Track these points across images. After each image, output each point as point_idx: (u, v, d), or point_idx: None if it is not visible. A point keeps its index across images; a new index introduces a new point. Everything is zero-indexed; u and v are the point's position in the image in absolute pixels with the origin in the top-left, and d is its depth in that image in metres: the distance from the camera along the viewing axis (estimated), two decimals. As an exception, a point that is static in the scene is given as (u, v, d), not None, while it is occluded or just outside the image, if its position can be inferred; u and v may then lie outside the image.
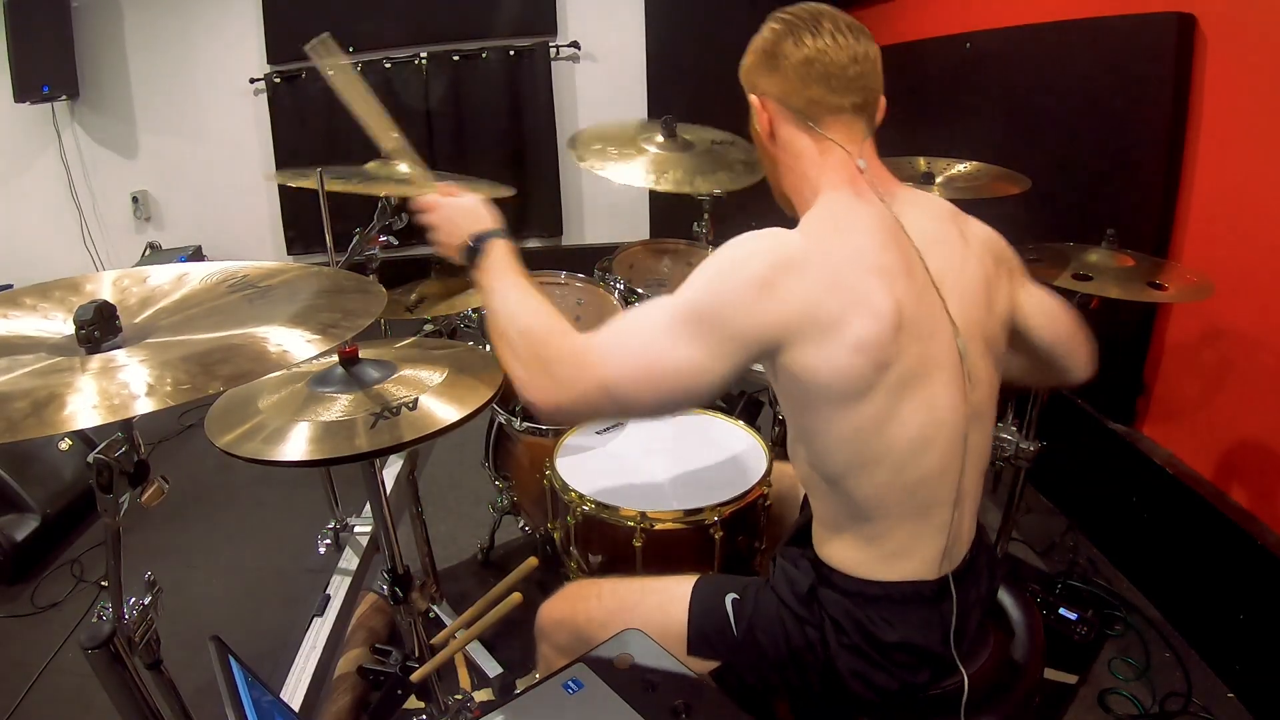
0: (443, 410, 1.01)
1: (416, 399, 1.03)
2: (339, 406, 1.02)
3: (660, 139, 2.10)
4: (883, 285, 0.92)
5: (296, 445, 0.95)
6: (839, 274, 0.92)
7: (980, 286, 1.05)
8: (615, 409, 0.99)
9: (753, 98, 1.06)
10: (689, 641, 1.11)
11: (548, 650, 1.24)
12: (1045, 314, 1.16)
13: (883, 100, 1.05)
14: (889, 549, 1.02)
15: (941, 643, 1.04)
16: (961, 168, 1.96)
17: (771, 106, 1.04)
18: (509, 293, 1.04)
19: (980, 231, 1.10)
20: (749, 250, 0.95)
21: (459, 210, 1.13)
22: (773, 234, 0.96)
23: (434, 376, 1.08)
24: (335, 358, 1.10)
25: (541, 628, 1.24)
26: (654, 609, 1.15)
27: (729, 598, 1.12)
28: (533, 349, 0.97)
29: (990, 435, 1.09)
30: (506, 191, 1.84)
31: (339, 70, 1.27)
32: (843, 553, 1.05)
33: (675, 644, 1.10)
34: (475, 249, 1.09)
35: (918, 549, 1.02)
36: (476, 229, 1.11)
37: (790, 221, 1.03)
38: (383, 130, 1.24)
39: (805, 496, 1.37)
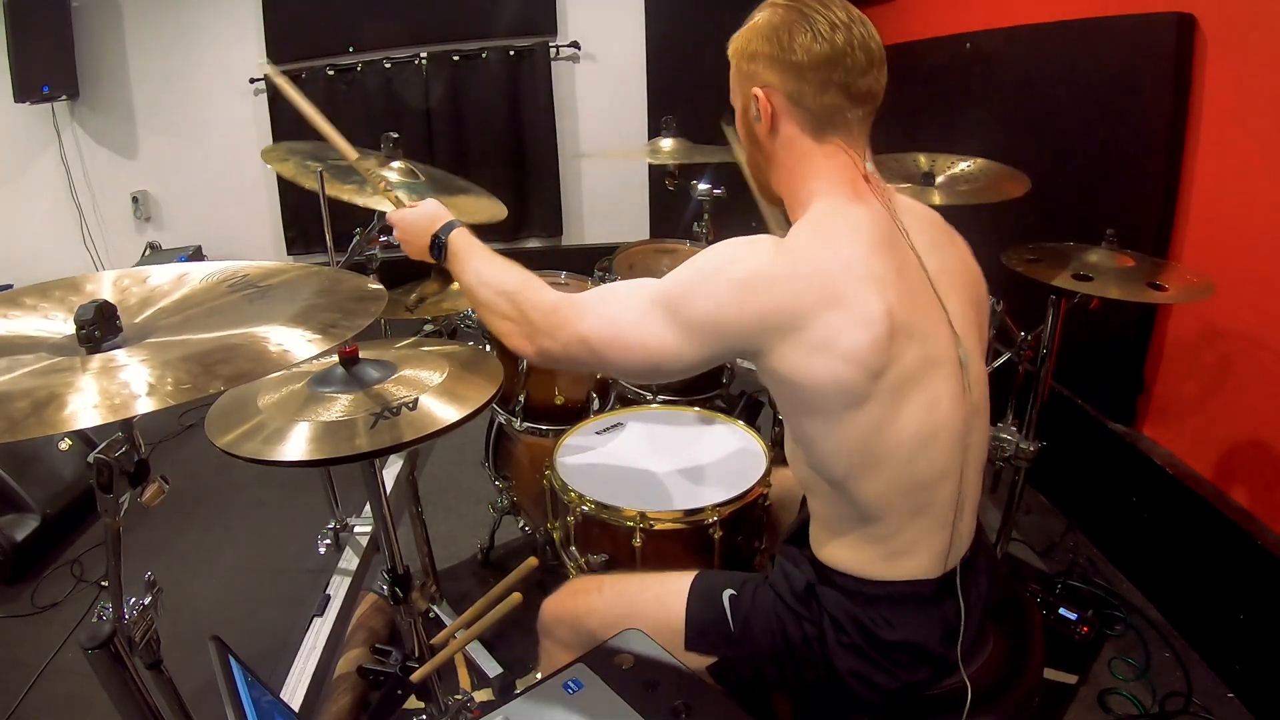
0: (443, 410, 1.01)
1: (416, 399, 1.03)
2: (339, 406, 1.02)
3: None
4: (873, 292, 0.91)
5: (296, 445, 0.95)
6: (826, 285, 0.91)
7: (974, 285, 1.07)
8: (594, 362, 1.03)
9: (756, 91, 0.99)
10: (686, 637, 1.11)
11: (550, 645, 1.24)
12: None
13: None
14: (891, 548, 1.02)
15: (941, 642, 1.04)
16: (965, 166, 1.96)
17: (778, 102, 0.98)
18: (480, 266, 1.10)
19: (959, 237, 1.11)
20: (733, 256, 0.95)
21: (415, 216, 1.20)
22: (761, 244, 0.95)
23: (434, 376, 1.08)
24: (335, 358, 1.10)
25: (543, 623, 1.24)
26: (652, 604, 1.15)
27: (726, 594, 1.13)
28: (515, 304, 1.04)
29: (988, 432, 1.09)
30: (498, 209, 1.86)
31: (292, 92, 1.33)
32: (844, 553, 1.04)
33: (673, 638, 1.11)
34: (439, 244, 1.15)
35: (920, 548, 1.02)
36: (434, 228, 1.16)
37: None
38: (343, 145, 1.34)
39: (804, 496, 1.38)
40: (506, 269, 1.08)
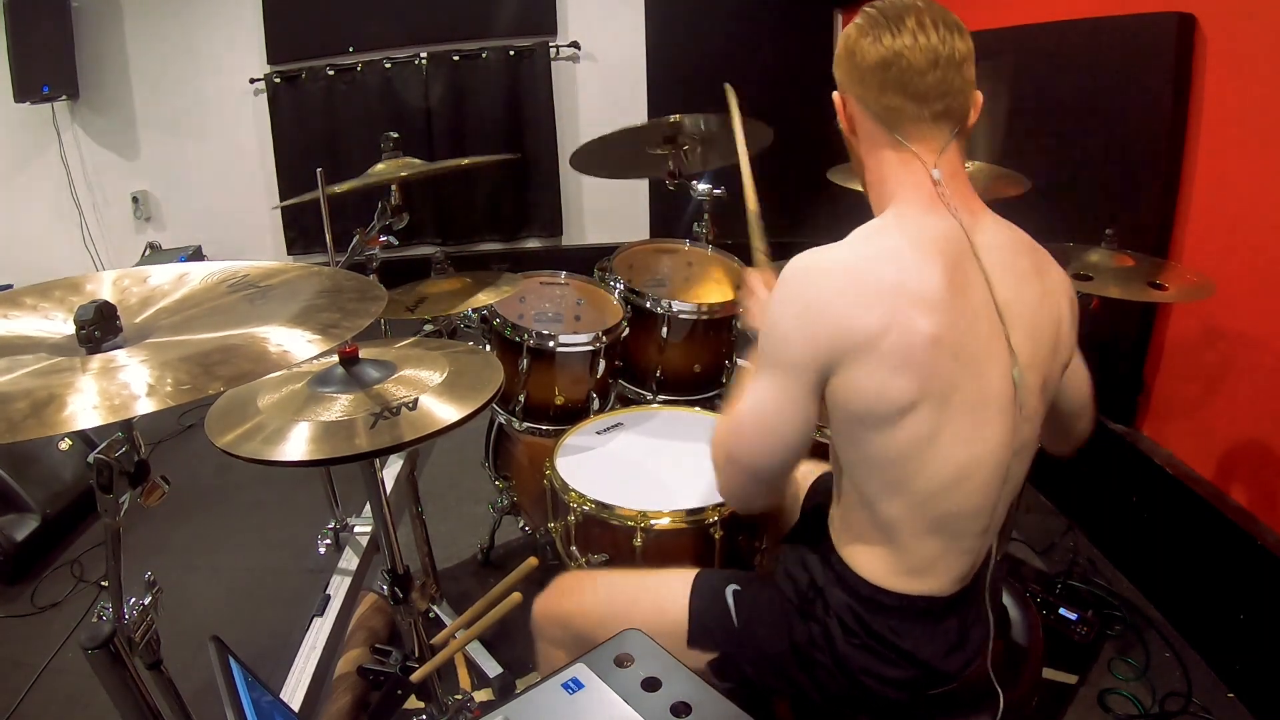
0: (443, 410, 1.01)
1: (416, 399, 1.03)
2: (339, 406, 1.01)
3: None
4: (922, 314, 0.89)
5: (296, 445, 0.95)
6: (875, 305, 0.90)
7: (1051, 326, 1.00)
8: (752, 481, 1.05)
9: (835, 95, 1.03)
10: (690, 632, 1.11)
11: (544, 646, 1.24)
12: (1078, 375, 1.13)
13: (978, 98, 0.98)
14: (911, 565, 1.00)
15: (944, 657, 1.03)
16: (966, 167, 1.96)
17: (852, 106, 1.01)
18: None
19: (1058, 274, 1.04)
20: (793, 287, 0.96)
21: (764, 299, 1.21)
22: (812, 260, 0.95)
23: (434, 376, 1.08)
24: (335, 358, 1.10)
25: (536, 623, 1.24)
26: (651, 602, 1.15)
27: (730, 589, 1.12)
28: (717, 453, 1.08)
29: (1029, 466, 1.05)
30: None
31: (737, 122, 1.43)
32: (862, 557, 1.04)
33: (674, 635, 1.11)
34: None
35: (940, 569, 1.01)
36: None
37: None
38: (751, 193, 1.40)
39: (808, 493, 1.38)
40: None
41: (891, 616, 1.02)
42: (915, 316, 0.89)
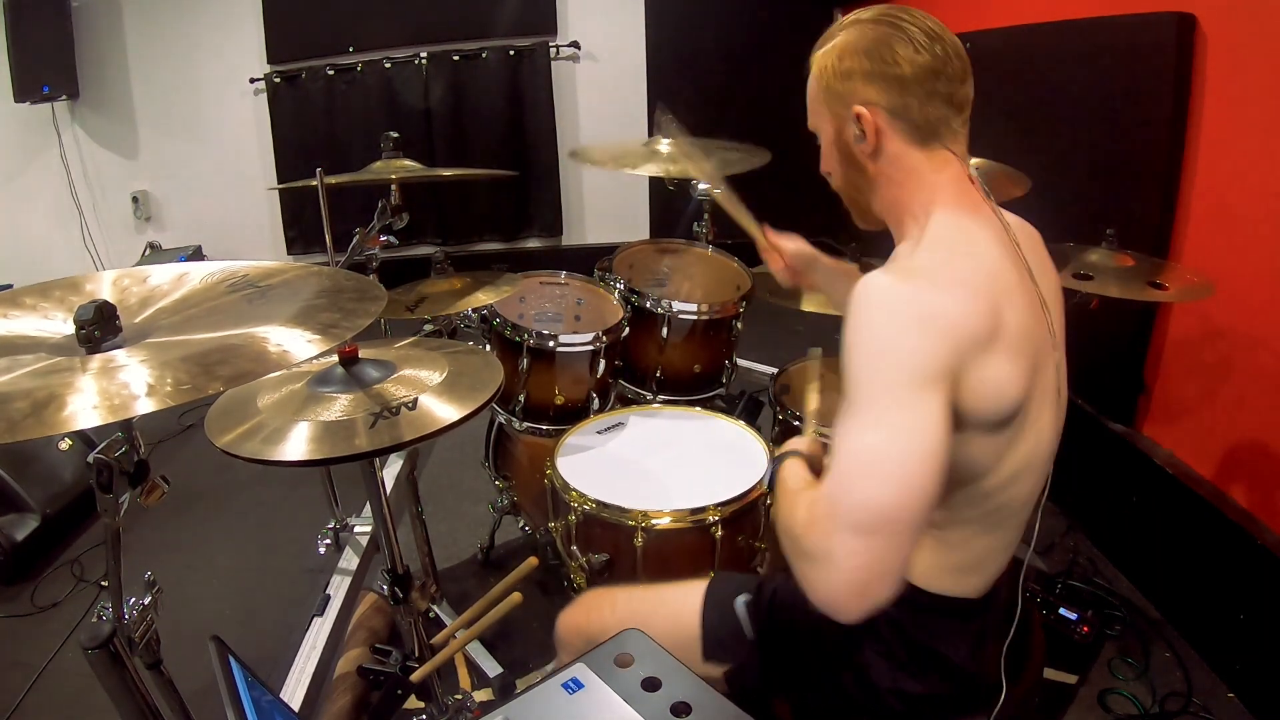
0: (442, 410, 1.01)
1: (416, 399, 1.02)
2: (338, 406, 1.01)
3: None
4: (1012, 308, 0.87)
5: (296, 445, 0.95)
6: (979, 295, 0.85)
7: (1064, 315, 1.01)
8: (875, 547, 0.78)
9: (860, 109, 0.93)
10: (704, 647, 1.10)
11: (566, 659, 1.23)
12: None
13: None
14: (959, 562, 0.98)
15: (970, 657, 1.02)
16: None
17: (883, 120, 0.93)
18: (782, 513, 0.95)
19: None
20: (886, 295, 0.84)
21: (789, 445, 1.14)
22: (899, 273, 0.87)
23: (434, 376, 1.08)
24: (335, 357, 1.10)
25: (560, 636, 1.23)
26: (668, 617, 1.13)
27: (740, 600, 1.11)
28: (789, 550, 0.88)
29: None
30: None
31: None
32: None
33: (690, 651, 1.09)
34: (772, 472, 1.09)
35: (988, 566, 1.00)
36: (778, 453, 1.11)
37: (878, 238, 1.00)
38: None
39: None
40: (790, 507, 0.92)
41: (924, 616, 0.99)
42: (1008, 307, 0.86)
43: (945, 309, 0.83)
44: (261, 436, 0.97)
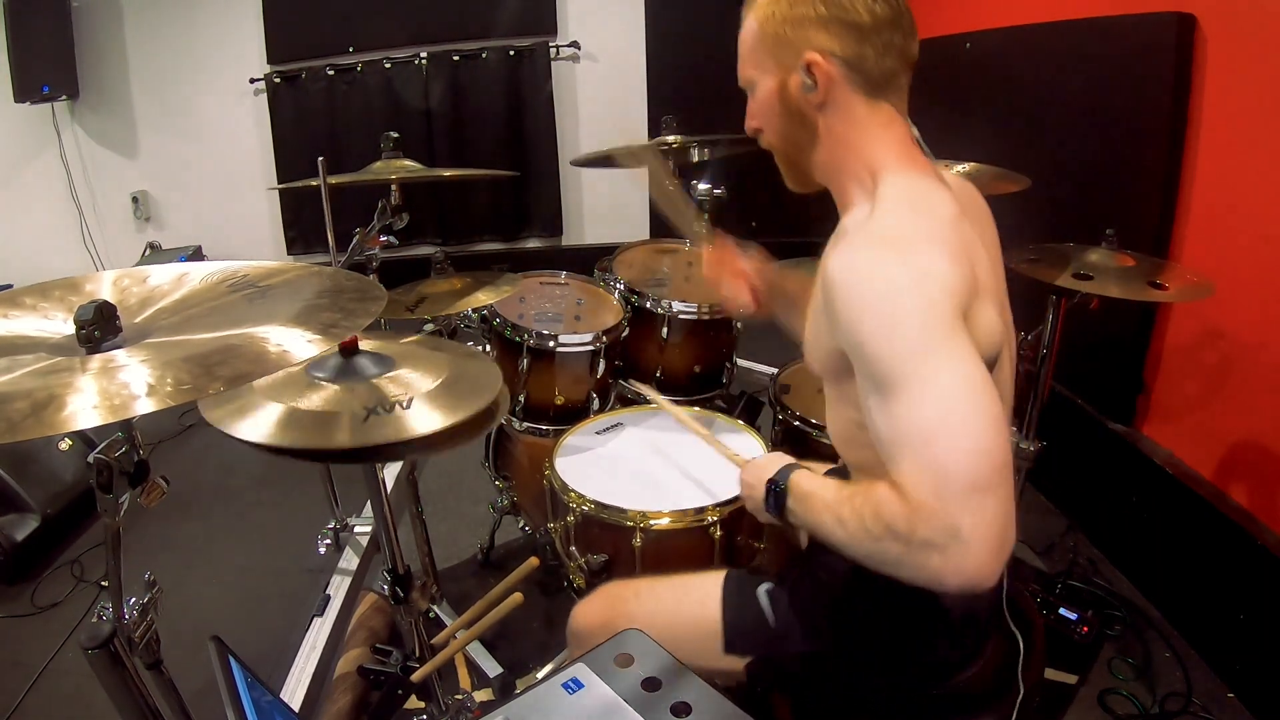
0: (427, 419, 0.97)
1: (411, 398, 1.00)
2: (319, 396, 1.00)
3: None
4: (978, 259, 0.88)
5: (260, 426, 0.93)
6: (955, 251, 0.84)
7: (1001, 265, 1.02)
8: (1002, 497, 0.74)
9: (813, 56, 0.89)
10: (725, 639, 1.09)
11: (578, 654, 1.22)
12: None
13: None
14: None
15: (989, 611, 1.03)
16: (961, 168, 1.96)
17: (837, 69, 0.90)
18: (822, 523, 0.91)
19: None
20: (883, 262, 0.82)
21: (755, 468, 1.08)
22: (879, 240, 0.84)
23: (427, 382, 1.06)
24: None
25: (575, 631, 1.20)
26: (689, 610, 1.12)
27: (763, 588, 1.10)
28: (891, 555, 0.80)
29: None
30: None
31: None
32: None
33: (710, 641, 1.08)
34: (776, 490, 1.00)
35: None
36: (770, 475, 1.02)
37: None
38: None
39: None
40: (851, 522, 0.85)
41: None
42: (976, 259, 0.87)
43: (934, 265, 0.81)
44: (234, 405, 0.96)
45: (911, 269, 0.81)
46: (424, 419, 0.96)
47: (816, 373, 1.03)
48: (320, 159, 1.75)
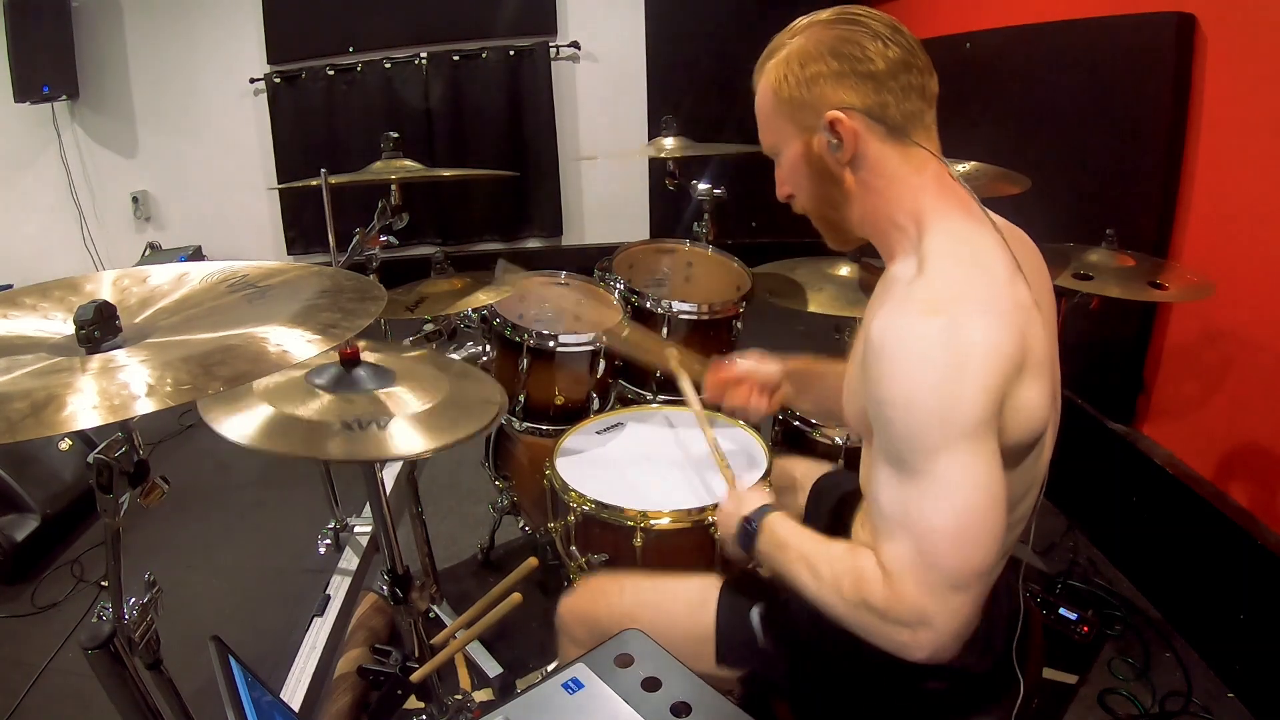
0: (408, 440, 0.98)
1: (388, 420, 1.00)
2: (313, 405, 1.00)
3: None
4: (1031, 326, 0.82)
5: (245, 425, 0.94)
6: (1006, 320, 0.80)
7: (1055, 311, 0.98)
8: (975, 596, 0.80)
9: (835, 115, 0.87)
10: (718, 652, 1.09)
11: (566, 644, 1.23)
12: None
13: None
14: None
15: (979, 658, 1.01)
16: (960, 168, 1.96)
17: (860, 123, 0.87)
18: (794, 573, 0.94)
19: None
20: (922, 340, 0.78)
21: (735, 500, 1.12)
22: (926, 308, 0.80)
23: (418, 404, 1.06)
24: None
25: (562, 621, 1.23)
26: (681, 613, 1.12)
27: (754, 612, 1.09)
28: (859, 621, 0.85)
29: None
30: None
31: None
32: None
33: (703, 649, 1.09)
34: (749, 531, 1.04)
35: (993, 573, 0.99)
36: (746, 513, 1.05)
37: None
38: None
39: (810, 495, 1.37)
40: (827, 576, 0.89)
41: None
42: (1029, 326, 0.81)
43: (978, 345, 0.77)
44: (227, 405, 0.96)
45: (953, 349, 0.77)
46: (405, 440, 0.97)
47: (853, 427, 1.02)
48: (323, 170, 1.75)
